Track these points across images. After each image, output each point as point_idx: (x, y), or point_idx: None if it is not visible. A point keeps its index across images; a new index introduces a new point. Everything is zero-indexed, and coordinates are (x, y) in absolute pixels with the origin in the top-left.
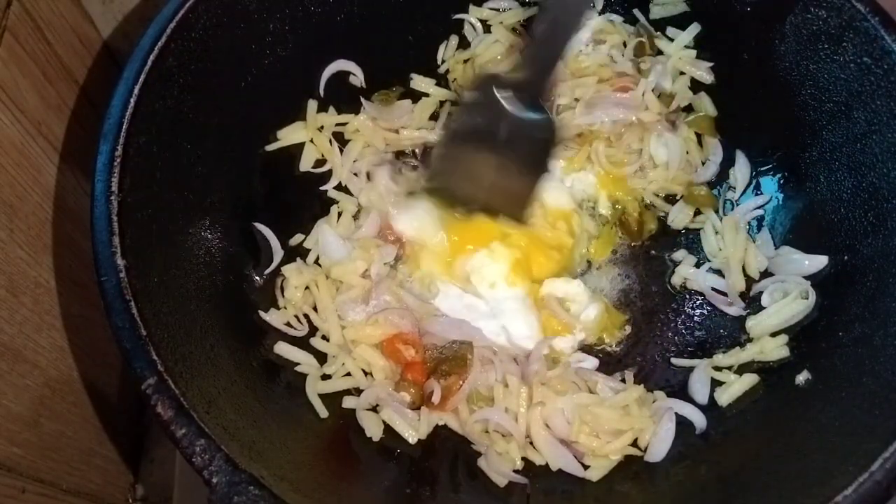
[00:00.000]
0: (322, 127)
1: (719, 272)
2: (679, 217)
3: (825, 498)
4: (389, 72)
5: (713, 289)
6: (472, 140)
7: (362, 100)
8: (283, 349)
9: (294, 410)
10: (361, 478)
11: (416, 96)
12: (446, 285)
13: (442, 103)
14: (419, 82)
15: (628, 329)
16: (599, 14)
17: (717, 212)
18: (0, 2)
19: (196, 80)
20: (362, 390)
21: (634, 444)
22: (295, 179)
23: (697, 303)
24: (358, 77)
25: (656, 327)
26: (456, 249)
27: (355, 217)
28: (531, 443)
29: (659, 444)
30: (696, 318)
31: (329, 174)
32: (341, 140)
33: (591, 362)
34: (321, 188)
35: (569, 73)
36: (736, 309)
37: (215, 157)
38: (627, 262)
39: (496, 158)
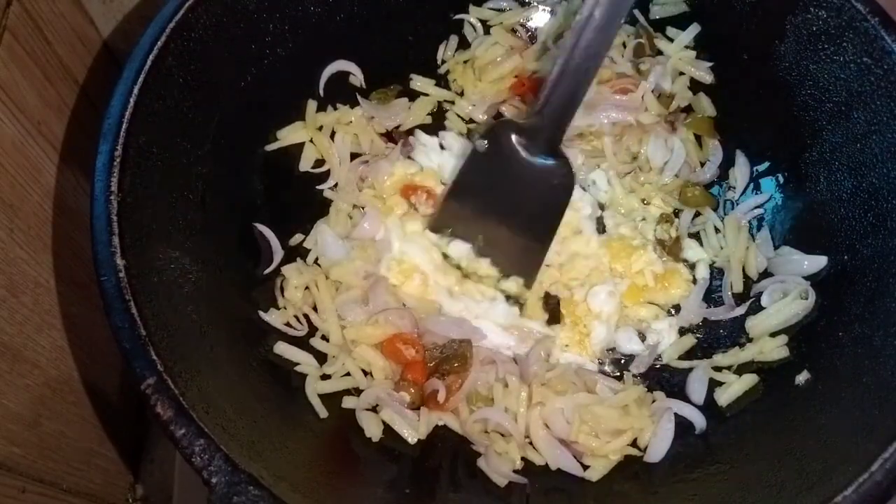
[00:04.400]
0: (321, 127)
1: (719, 272)
2: (681, 218)
3: (825, 498)
4: (389, 72)
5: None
6: (483, 190)
7: (359, 97)
8: (282, 349)
9: (294, 410)
10: (361, 478)
11: (414, 95)
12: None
13: (440, 102)
14: (419, 83)
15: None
16: None
17: (716, 211)
18: (0, 2)
19: (196, 80)
20: (362, 390)
21: (634, 444)
22: (294, 179)
23: None
24: (358, 77)
25: None
26: None
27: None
28: (530, 443)
29: (658, 444)
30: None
31: (328, 174)
32: None
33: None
34: (319, 187)
35: None
36: (726, 309)
37: (215, 157)
38: None
39: (508, 210)
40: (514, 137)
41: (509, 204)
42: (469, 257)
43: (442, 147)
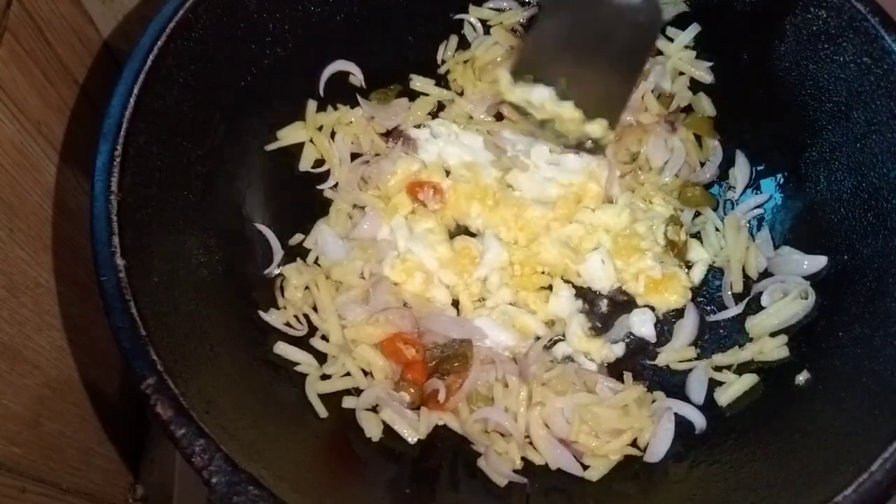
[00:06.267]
0: (321, 127)
1: (719, 271)
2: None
3: (825, 498)
4: (389, 72)
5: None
6: (564, 32)
7: (359, 98)
8: (282, 349)
9: (294, 410)
10: (361, 478)
11: (414, 95)
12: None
13: (439, 102)
14: (419, 83)
15: None
16: None
17: (716, 211)
18: (0, 2)
19: (196, 79)
20: (362, 390)
21: (634, 444)
22: (294, 179)
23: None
24: (357, 77)
25: None
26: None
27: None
28: (530, 442)
29: (658, 444)
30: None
31: (328, 174)
32: None
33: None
34: (320, 187)
35: None
36: (732, 311)
37: (215, 157)
38: None
39: (592, 50)
40: None
41: (593, 44)
42: (552, 101)
43: (434, 137)
